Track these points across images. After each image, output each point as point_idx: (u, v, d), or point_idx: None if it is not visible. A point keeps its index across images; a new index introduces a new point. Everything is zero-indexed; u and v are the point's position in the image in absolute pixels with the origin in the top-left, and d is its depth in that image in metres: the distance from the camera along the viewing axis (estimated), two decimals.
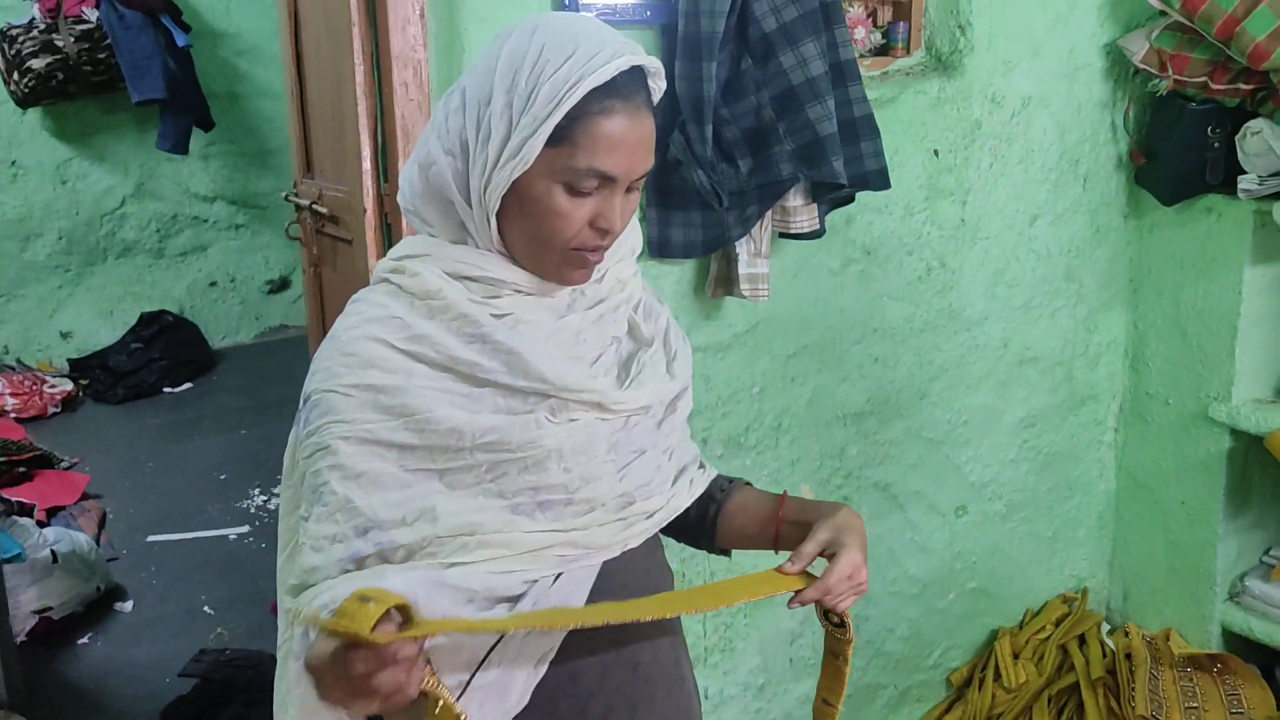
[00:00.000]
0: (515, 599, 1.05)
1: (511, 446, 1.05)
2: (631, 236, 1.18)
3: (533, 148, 1.02)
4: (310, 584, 1.05)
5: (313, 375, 1.09)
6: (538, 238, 1.06)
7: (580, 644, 1.09)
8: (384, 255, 1.94)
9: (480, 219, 1.07)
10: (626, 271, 1.17)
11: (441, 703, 0.95)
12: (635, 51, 1.05)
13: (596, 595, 1.10)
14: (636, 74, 1.05)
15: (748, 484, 1.30)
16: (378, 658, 0.88)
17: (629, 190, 1.07)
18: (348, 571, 1.04)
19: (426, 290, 1.07)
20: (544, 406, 1.07)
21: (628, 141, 1.03)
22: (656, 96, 1.10)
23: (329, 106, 2.05)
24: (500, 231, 1.08)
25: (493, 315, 1.07)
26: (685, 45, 1.83)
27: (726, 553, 1.31)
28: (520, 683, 1.06)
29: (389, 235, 1.91)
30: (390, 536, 1.03)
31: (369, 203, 1.89)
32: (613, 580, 1.12)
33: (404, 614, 0.91)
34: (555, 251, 1.07)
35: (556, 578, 1.08)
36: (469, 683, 1.04)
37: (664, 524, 1.16)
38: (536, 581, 1.06)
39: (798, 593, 1.13)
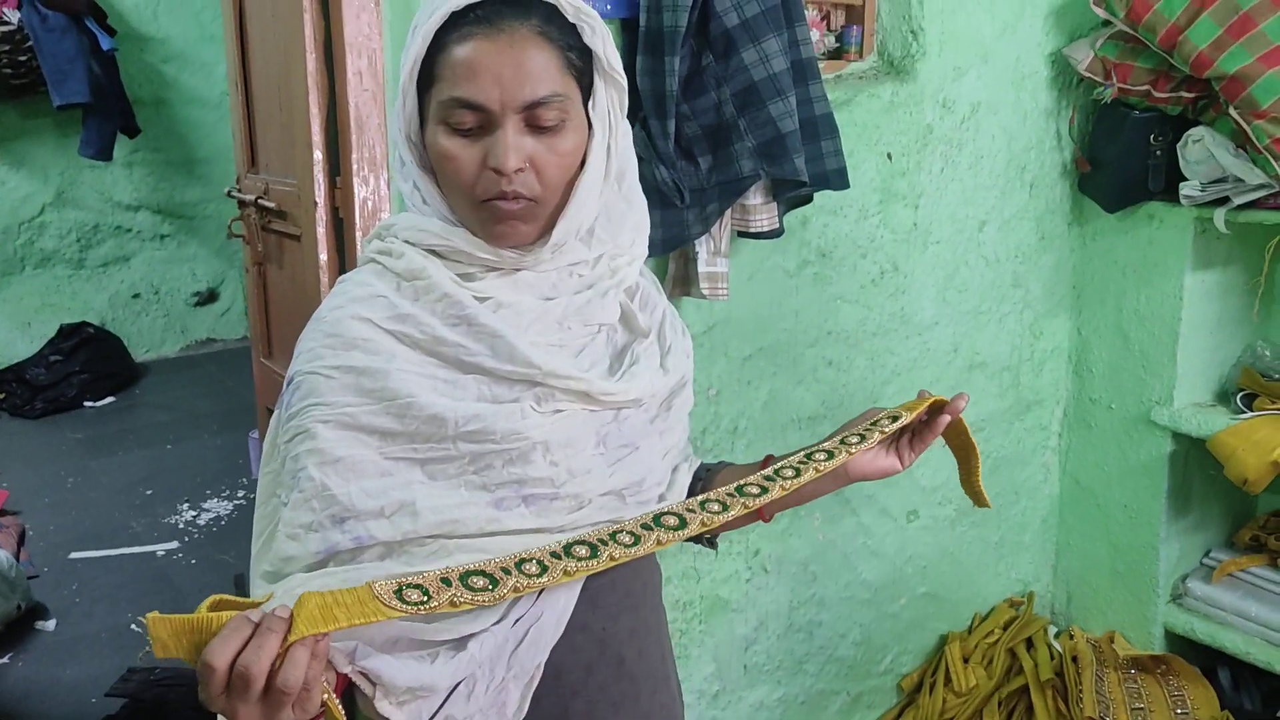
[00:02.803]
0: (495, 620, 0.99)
1: (496, 436, 1.00)
2: (633, 225, 1.11)
3: (407, 91, 1.02)
4: (285, 573, 0.99)
5: (297, 357, 1.05)
6: (450, 191, 1.04)
7: (564, 641, 1.05)
8: (336, 249, 1.89)
9: (426, 188, 1.05)
10: (620, 259, 1.11)
11: None
12: None
13: (581, 597, 1.05)
14: (523, 2, 0.99)
15: (729, 464, 1.26)
16: (229, 640, 0.78)
17: (538, 130, 1.00)
18: (320, 563, 0.99)
19: (412, 270, 1.04)
20: (529, 395, 1.02)
21: (489, 66, 0.97)
22: (594, 39, 1.03)
23: (276, 97, 1.99)
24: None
25: (476, 298, 1.03)
26: (647, 39, 1.81)
27: (713, 544, 1.27)
28: (516, 694, 1.01)
29: (341, 229, 1.85)
30: (367, 529, 0.98)
31: (320, 196, 1.83)
32: (599, 577, 1.06)
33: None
34: (471, 207, 1.02)
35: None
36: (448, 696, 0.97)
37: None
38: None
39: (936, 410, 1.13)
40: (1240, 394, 2.51)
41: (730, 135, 1.86)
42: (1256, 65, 2.12)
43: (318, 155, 1.82)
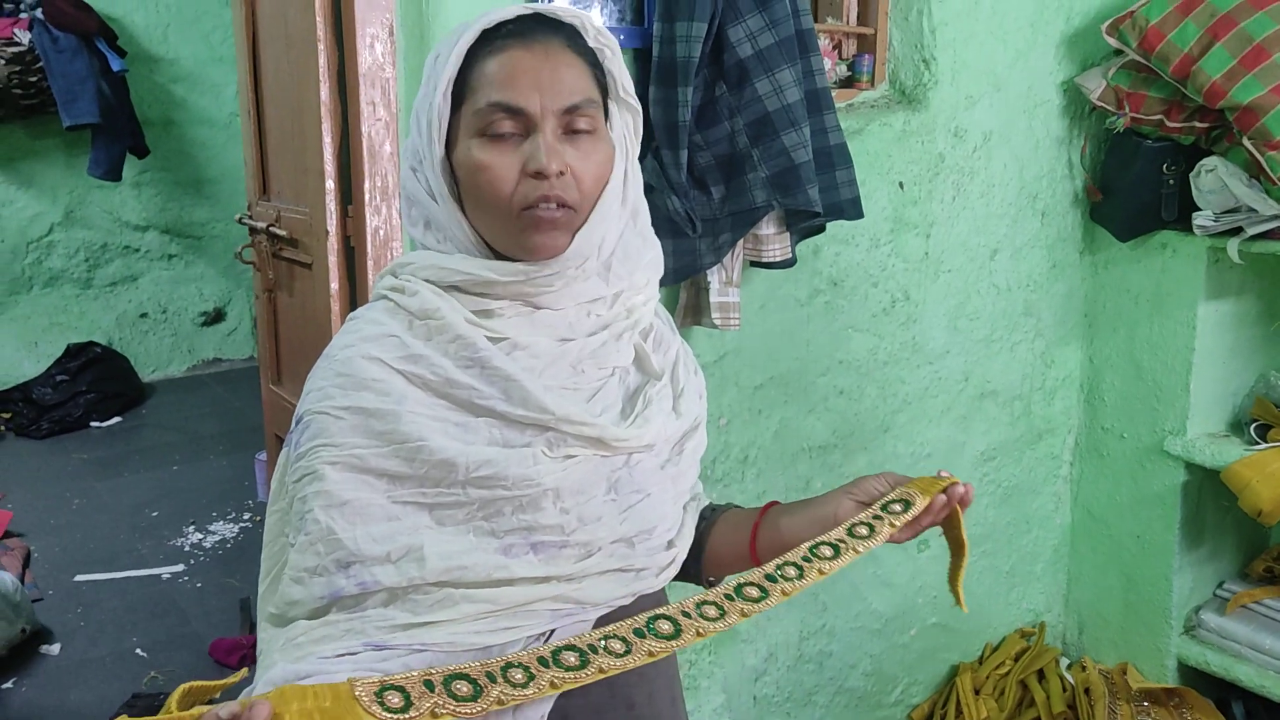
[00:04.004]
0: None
1: (507, 483, 0.98)
2: (649, 264, 1.10)
3: (441, 111, 1.01)
4: (290, 616, 0.98)
5: (306, 395, 1.03)
6: (485, 206, 1.01)
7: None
8: (347, 278, 1.89)
9: (449, 217, 1.03)
10: (637, 299, 1.10)
11: None
12: (553, 9, 1.04)
13: None
14: (548, 22, 1.03)
15: (734, 506, 1.24)
16: None
17: (573, 135, 1.01)
18: (324, 607, 0.98)
19: (425, 309, 1.02)
20: (541, 440, 1.01)
21: (526, 70, 0.99)
22: (611, 62, 1.06)
23: (289, 126, 1.99)
24: (474, 227, 1.04)
25: (489, 338, 1.02)
26: (660, 70, 1.81)
27: (713, 584, 1.25)
28: None
29: (352, 258, 1.85)
30: (373, 574, 0.97)
31: (332, 225, 1.83)
32: (609, 618, 1.05)
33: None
34: (508, 218, 1.01)
35: (549, 635, 1.01)
36: None
37: (670, 579, 1.10)
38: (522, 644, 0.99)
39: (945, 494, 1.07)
40: (1254, 424, 2.50)
41: (743, 165, 1.86)
42: (1270, 96, 2.11)
43: (330, 184, 1.82)
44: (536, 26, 1.01)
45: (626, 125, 1.08)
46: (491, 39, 1.01)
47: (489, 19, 1.01)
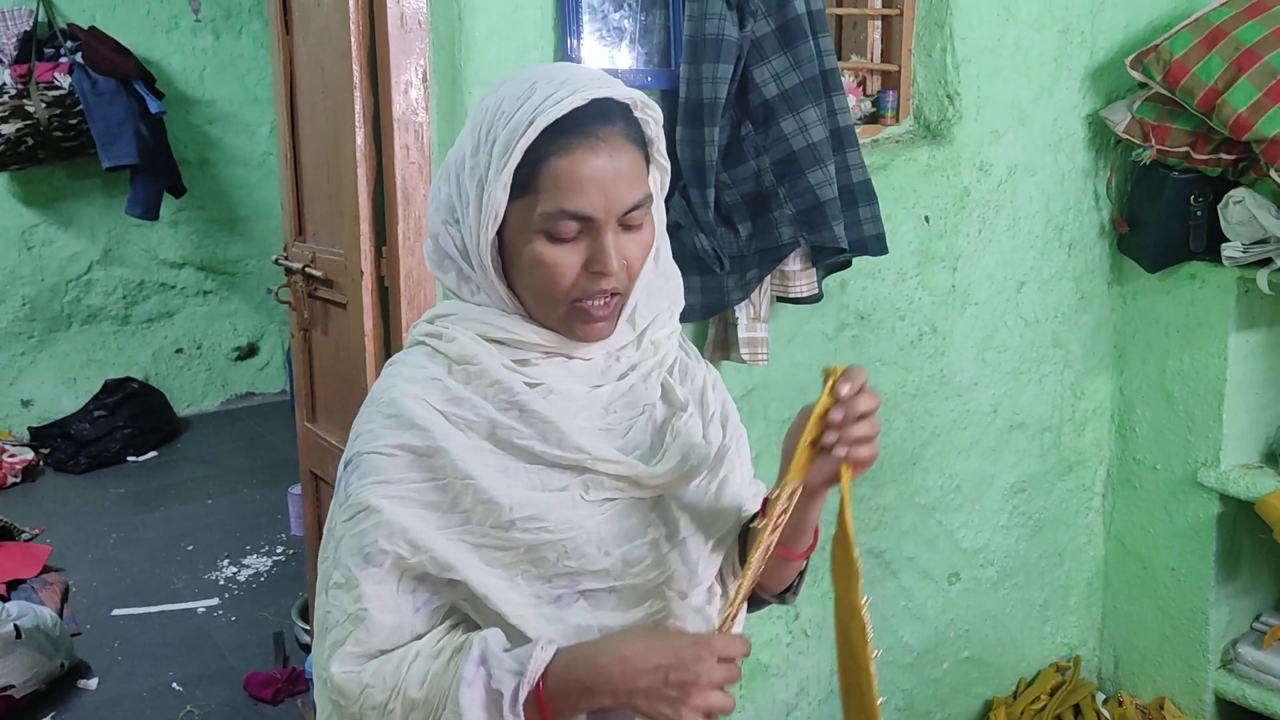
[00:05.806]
0: None
1: (550, 525, 1.01)
2: (668, 295, 1.12)
3: (498, 202, 1.00)
4: (386, 648, 1.00)
5: (354, 440, 1.06)
6: (538, 293, 1.03)
7: None
8: (381, 317, 1.93)
9: (486, 282, 1.05)
10: (661, 333, 1.12)
11: None
12: (604, 86, 1.01)
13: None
14: (606, 107, 1.00)
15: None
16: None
17: (628, 228, 1.02)
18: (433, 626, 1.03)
19: (463, 355, 1.05)
20: (578, 483, 1.04)
21: (594, 177, 0.98)
22: (653, 130, 1.05)
23: (325, 170, 2.03)
24: (515, 292, 1.06)
25: (526, 383, 1.05)
26: (687, 111, 1.84)
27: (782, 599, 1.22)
28: None
29: (386, 297, 1.88)
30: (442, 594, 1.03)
31: (367, 265, 1.87)
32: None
33: None
34: (559, 305, 1.03)
35: None
36: None
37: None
38: None
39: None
40: None
41: (770, 203, 1.88)
42: None
43: (365, 226, 1.86)
44: (596, 116, 0.99)
45: (655, 182, 1.09)
46: (554, 133, 0.98)
47: (549, 113, 0.97)
